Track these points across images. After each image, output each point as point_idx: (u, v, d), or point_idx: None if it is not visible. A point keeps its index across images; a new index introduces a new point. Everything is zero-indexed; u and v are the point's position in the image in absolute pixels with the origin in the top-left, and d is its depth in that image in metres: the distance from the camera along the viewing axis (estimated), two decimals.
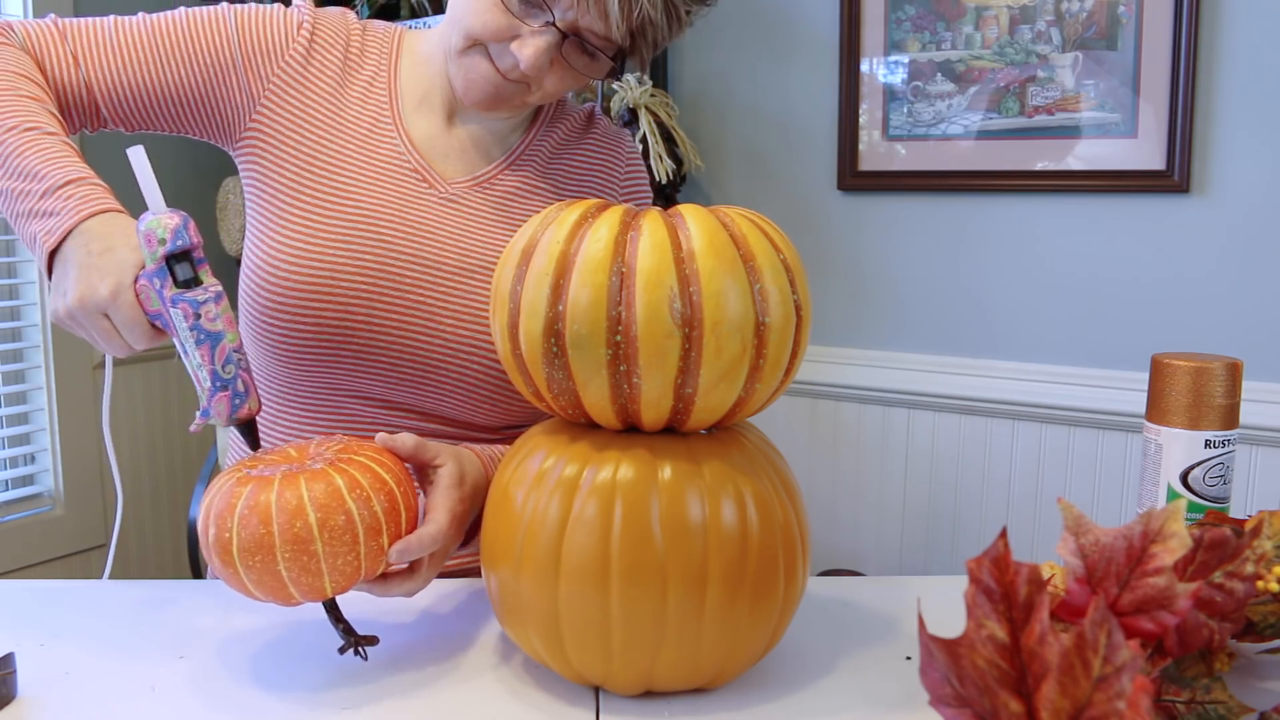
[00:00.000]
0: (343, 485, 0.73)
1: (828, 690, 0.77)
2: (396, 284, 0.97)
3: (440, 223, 1.00)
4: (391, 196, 0.99)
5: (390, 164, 1.01)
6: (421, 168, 1.02)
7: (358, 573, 0.74)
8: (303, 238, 0.97)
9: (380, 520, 0.74)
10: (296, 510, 0.71)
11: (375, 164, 1.00)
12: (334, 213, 0.98)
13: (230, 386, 0.77)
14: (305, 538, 0.71)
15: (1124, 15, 1.87)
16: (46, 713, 0.74)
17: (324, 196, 0.98)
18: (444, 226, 1.00)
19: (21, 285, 2.26)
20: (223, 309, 0.78)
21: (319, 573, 0.72)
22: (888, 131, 2.11)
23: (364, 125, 1.02)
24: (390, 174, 1.00)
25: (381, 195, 0.99)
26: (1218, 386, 0.81)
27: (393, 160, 1.01)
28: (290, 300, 0.95)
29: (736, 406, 0.74)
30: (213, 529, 0.73)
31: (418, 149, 1.02)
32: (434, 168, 1.02)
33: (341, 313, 0.96)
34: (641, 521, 0.70)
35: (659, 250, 0.70)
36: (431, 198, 1.01)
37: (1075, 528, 0.63)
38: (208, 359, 0.77)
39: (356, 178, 0.99)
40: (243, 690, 0.77)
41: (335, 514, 0.72)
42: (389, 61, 1.05)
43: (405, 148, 1.02)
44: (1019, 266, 2.03)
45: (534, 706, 0.75)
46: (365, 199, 0.99)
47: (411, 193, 1.00)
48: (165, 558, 2.53)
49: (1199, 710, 0.64)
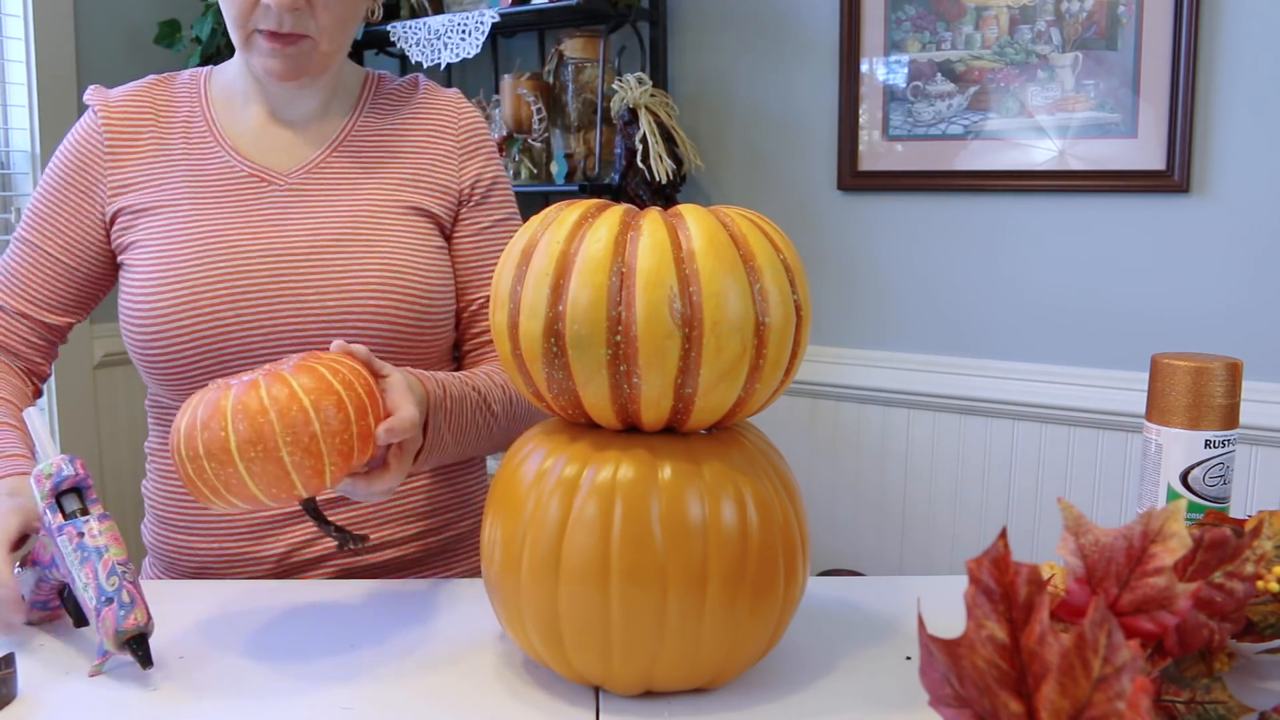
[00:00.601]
0: (326, 373, 0.78)
1: (828, 690, 0.77)
2: (258, 280, 1.01)
3: (286, 212, 1.05)
4: (234, 205, 1.04)
5: (226, 178, 1.06)
6: (255, 170, 1.06)
7: (351, 454, 0.78)
8: (158, 267, 1.02)
9: (364, 403, 0.79)
10: (290, 397, 0.75)
11: (212, 184, 1.05)
12: (183, 238, 1.02)
13: (115, 599, 0.77)
14: (303, 419, 0.74)
15: (1124, 15, 1.87)
16: (46, 713, 0.74)
17: (171, 229, 1.03)
18: (290, 214, 1.05)
19: None
20: (107, 527, 0.81)
21: (319, 455, 0.75)
22: (887, 131, 2.11)
23: (193, 158, 1.07)
24: (228, 186, 1.05)
25: (224, 208, 1.04)
26: (1218, 386, 0.81)
27: (227, 174, 1.06)
28: (161, 325, 1.00)
29: (736, 406, 0.74)
30: (204, 433, 0.74)
31: (246, 155, 1.07)
32: (268, 166, 1.07)
33: (214, 324, 1.00)
34: (641, 521, 0.70)
35: (659, 250, 0.70)
36: (273, 193, 1.06)
37: (1075, 528, 0.63)
38: (92, 575, 0.78)
39: (198, 203, 1.04)
40: (243, 690, 0.77)
41: (326, 396, 0.76)
42: (199, 96, 1.11)
43: (234, 159, 1.07)
44: (1019, 266, 2.03)
45: (534, 706, 0.74)
46: (210, 217, 1.03)
47: (253, 195, 1.05)
48: None
49: (1199, 710, 0.64)
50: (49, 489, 0.81)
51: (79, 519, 0.80)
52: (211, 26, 2.32)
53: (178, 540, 1.07)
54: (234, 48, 1.05)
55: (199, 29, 2.33)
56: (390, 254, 1.04)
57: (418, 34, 2.31)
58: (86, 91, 1.11)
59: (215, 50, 2.32)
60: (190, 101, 1.10)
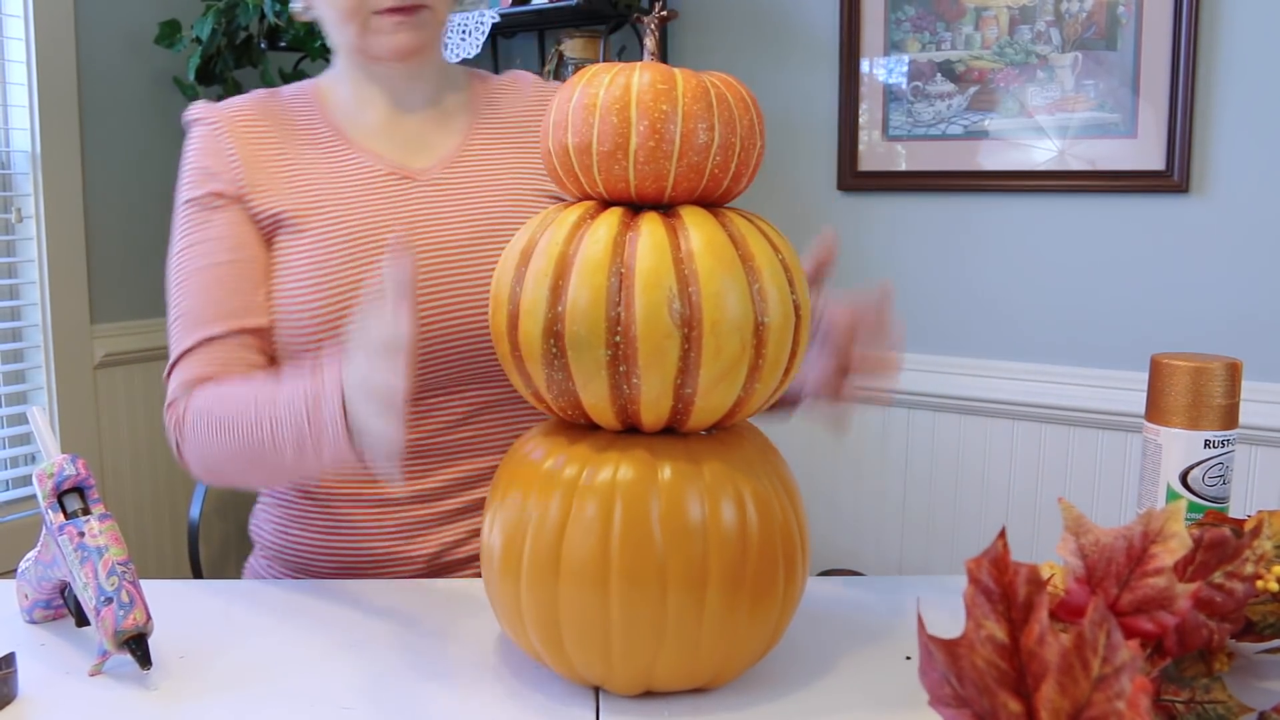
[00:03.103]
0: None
1: (828, 690, 0.77)
2: (419, 279, 1.00)
3: (431, 208, 1.05)
4: (379, 205, 1.03)
5: (366, 179, 1.05)
6: (395, 168, 1.06)
7: None
8: (313, 276, 1.00)
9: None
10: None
11: (353, 187, 1.04)
12: (336, 243, 1.01)
13: (114, 598, 0.77)
14: None
15: (1124, 15, 1.87)
16: (46, 713, 0.74)
17: (321, 236, 1.02)
18: (439, 210, 1.05)
19: (21, 285, 2.25)
20: (107, 527, 0.80)
21: None
22: (888, 131, 2.11)
23: (327, 163, 1.06)
24: (370, 187, 1.04)
25: (369, 209, 1.03)
26: (1217, 386, 0.81)
27: (366, 175, 1.05)
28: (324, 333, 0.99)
29: (736, 407, 0.74)
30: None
31: (382, 155, 1.07)
32: (406, 164, 1.07)
33: None
34: (641, 522, 0.70)
35: (658, 251, 0.70)
36: (416, 190, 1.05)
37: (1075, 528, 0.63)
38: (91, 575, 0.78)
39: (343, 206, 1.03)
40: (243, 690, 0.77)
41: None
42: (315, 104, 1.10)
43: (371, 158, 1.06)
44: (1019, 266, 2.03)
45: (534, 707, 0.74)
46: (355, 219, 1.02)
47: (396, 193, 1.05)
48: (165, 558, 2.53)
49: (1198, 710, 0.64)
50: (50, 488, 0.81)
51: (80, 519, 0.80)
52: (211, 27, 2.31)
53: (315, 540, 1.06)
54: (235, 49, 1.05)
55: (199, 29, 2.33)
56: None
57: None
58: (192, 109, 1.08)
59: (215, 50, 2.32)
60: (306, 110, 1.09)
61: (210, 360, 1.00)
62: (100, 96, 2.30)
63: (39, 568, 0.84)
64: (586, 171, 0.74)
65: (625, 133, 0.71)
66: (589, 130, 0.72)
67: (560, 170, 0.76)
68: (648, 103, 0.71)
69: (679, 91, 0.72)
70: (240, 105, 1.08)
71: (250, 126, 1.06)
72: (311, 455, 0.86)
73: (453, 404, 1.05)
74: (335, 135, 1.07)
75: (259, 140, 1.05)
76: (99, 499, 0.83)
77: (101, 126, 2.30)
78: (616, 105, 0.72)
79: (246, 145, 1.05)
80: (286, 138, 1.07)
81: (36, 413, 0.86)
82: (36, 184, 2.21)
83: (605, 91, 0.72)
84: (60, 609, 0.88)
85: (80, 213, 2.28)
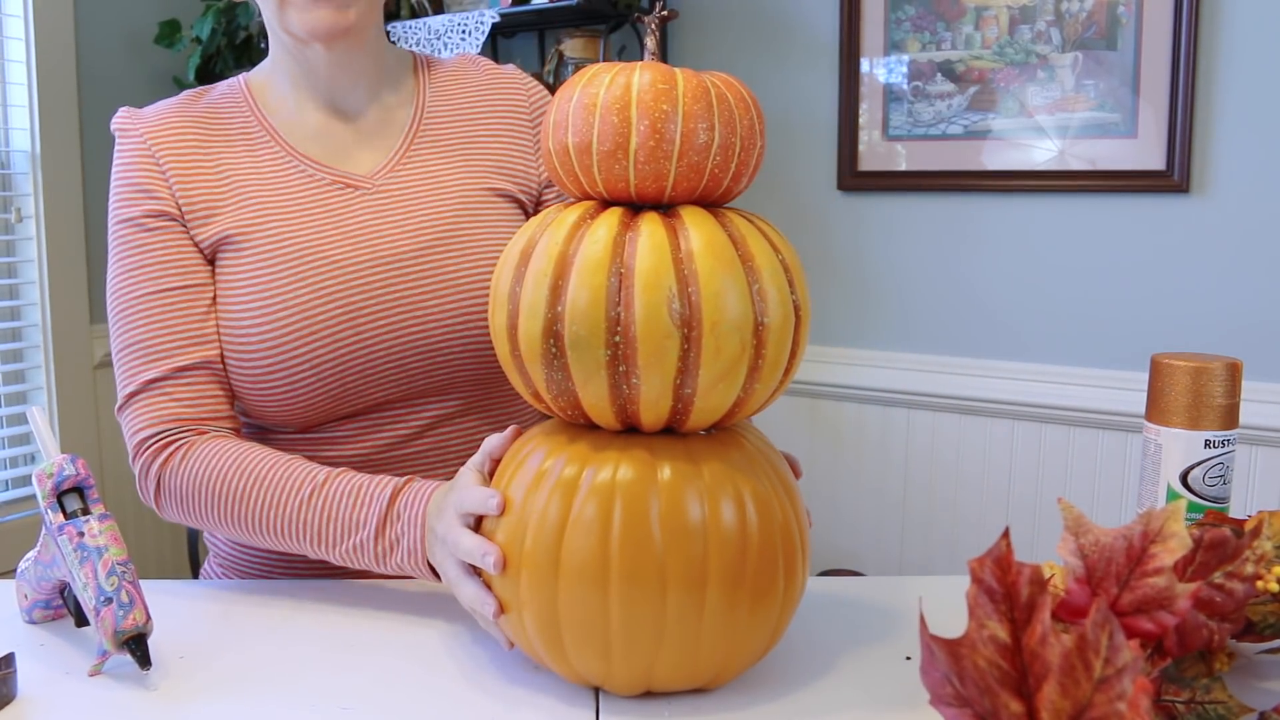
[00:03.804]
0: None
1: (828, 690, 0.77)
2: (371, 293, 0.98)
3: (381, 217, 1.01)
4: (322, 219, 1.00)
5: (308, 190, 1.01)
6: (337, 177, 1.02)
7: None
8: (261, 297, 0.96)
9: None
10: None
11: (296, 199, 1.00)
12: (281, 261, 0.97)
13: (114, 599, 0.77)
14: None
15: (1124, 15, 1.87)
16: (46, 713, 0.74)
17: (266, 255, 0.98)
18: (386, 218, 1.01)
19: (21, 285, 2.26)
20: (107, 527, 0.80)
21: None
22: (888, 131, 2.11)
23: (266, 174, 1.01)
24: (313, 198, 1.01)
25: (312, 223, 0.99)
26: (1217, 386, 0.81)
27: (308, 186, 1.01)
28: (275, 356, 0.96)
29: (736, 407, 0.74)
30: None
31: (322, 163, 1.03)
32: (348, 171, 1.03)
33: (334, 346, 0.96)
34: (641, 522, 0.69)
35: (658, 251, 0.70)
36: (359, 201, 1.01)
37: (1075, 528, 0.63)
38: (91, 575, 0.78)
39: (287, 221, 0.99)
40: (243, 690, 0.77)
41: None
42: (248, 105, 1.04)
43: (312, 168, 1.02)
44: (1019, 266, 2.03)
45: (534, 707, 0.74)
46: (299, 235, 0.98)
47: (339, 204, 1.01)
48: (165, 558, 2.53)
49: (1199, 710, 0.64)
50: (50, 488, 0.81)
51: (79, 519, 0.80)
52: (211, 26, 2.31)
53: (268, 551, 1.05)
54: (234, 49, 1.04)
55: (199, 29, 2.33)
56: (493, 243, 1.02)
57: (418, 34, 2.31)
58: (117, 116, 1.03)
59: (215, 50, 2.32)
60: (238, 112, 1.04)
61: (178, 399, 0.96)
62: (100, 97, 2.30)
63: (39, 568, 0.84)
64: (586, 171, 0.74)
65: (625, 132, 0.71)
66: (589, 130, 0.72)
67: (560, 170, 0.76)
68: (648, 102, 0.71)
69: (679, 91, 0.72)
70: (165, 114, 1.02)
71: (179, 138, 1.01)
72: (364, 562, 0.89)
73: (408, 418, 1.02)
74: (271, 140, 1.03)
75: (189, 153, 1.00)
76: (99, 499, 0.83)
77: (101, 126, 2.29)
78: (617, 105, 0.72)
79: (177, 160, 0.99)
80: (219, 147, 1.01)
81: (36, 413, 0.86)
82: (36, 184, 2.21)
83: (605, 91, 0.72)
84: (60, 609, 0.88)
85: (80, 213, 2.28)
